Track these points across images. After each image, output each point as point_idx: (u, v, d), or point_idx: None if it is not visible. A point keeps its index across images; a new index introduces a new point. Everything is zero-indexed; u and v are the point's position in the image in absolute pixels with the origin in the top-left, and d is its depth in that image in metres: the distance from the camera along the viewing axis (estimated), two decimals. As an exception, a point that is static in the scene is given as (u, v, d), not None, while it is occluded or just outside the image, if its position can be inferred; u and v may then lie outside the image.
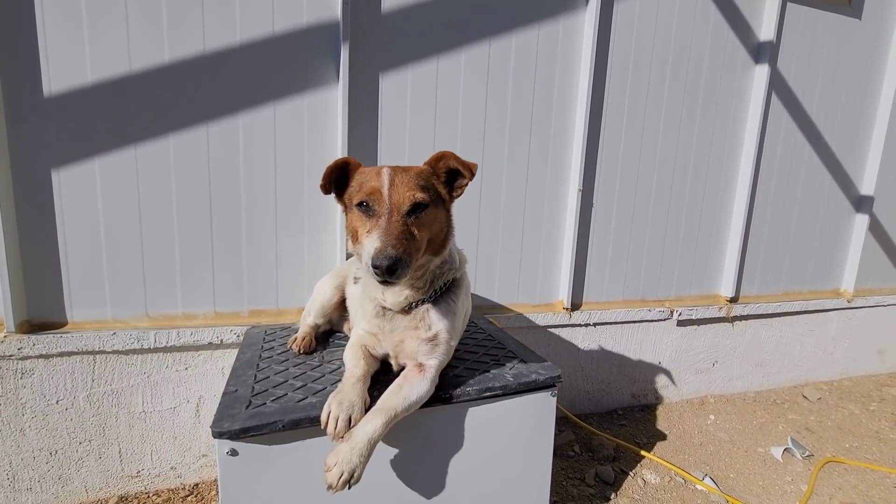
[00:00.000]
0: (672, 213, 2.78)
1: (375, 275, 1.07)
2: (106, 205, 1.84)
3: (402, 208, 1.15)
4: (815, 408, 3.02)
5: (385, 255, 1.05)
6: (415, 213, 1.17)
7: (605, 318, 2.66)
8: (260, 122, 1.97)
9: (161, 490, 2.01)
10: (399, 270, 1.07)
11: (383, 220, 1.12)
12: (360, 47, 2.03)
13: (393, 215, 1.14)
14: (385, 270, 1.05)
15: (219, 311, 2.03)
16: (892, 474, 2.32)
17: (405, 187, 1.17)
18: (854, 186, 3.24)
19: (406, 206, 1.15)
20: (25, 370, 1.79)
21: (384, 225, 1.11)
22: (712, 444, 2.53)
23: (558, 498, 2.02)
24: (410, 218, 1.16)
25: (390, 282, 1.09)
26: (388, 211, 1.14)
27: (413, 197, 1.16)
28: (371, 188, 1.17)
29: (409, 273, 1.13)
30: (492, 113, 2.31)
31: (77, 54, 1.73)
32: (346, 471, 1.07)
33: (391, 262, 1.05)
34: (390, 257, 1.05)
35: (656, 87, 2.60)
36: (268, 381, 1.42)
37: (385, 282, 1.10)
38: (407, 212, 1.15)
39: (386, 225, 1.11)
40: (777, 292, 3.18)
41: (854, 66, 3.05)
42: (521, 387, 1.45)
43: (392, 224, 1.12)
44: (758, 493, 2.16)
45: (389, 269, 1.05)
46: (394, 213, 1.14)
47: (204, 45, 1.86)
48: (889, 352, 3.61)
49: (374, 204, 1.16)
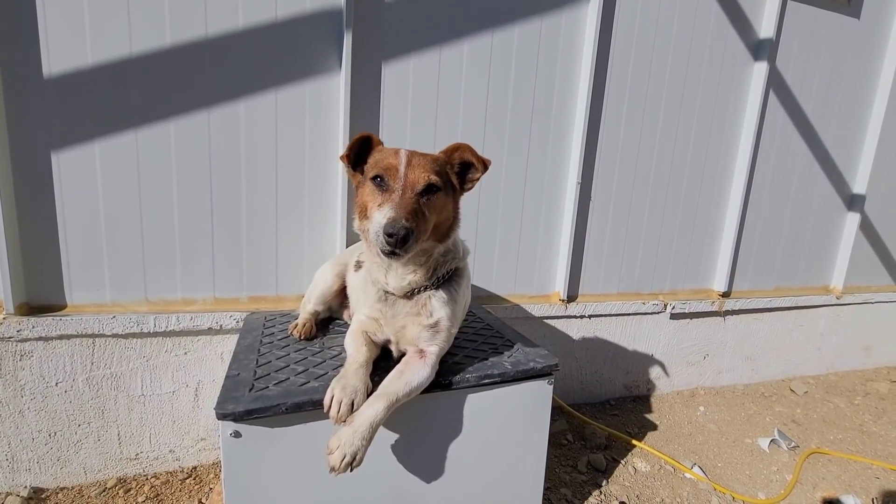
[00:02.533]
0: (668, 208, 2.81)
1: (386, 244, 1.08)
2: (106, 189, 1.83)
3: (416, 187, 1.17)
4: (802, 401, 3.09)
5: (400, 224, 1.07)
6: (427, 194, 1.19)
7: (600, 310, 2.70)
8: (262, 108, 1.96)
9: (159, 473, 2.03)
10: (409, 242, 1.09)
11: (397, 195, 1.15)
12: (362, 35, 2.03)
13: (406, 192, 1.16)
14: (400, 240, 1.07)
15: (218, 296, 2.04)
16: (874, 466, 2.39)
17: (421, 169, 1.19)
18: (847, 185, 3.29)
19: (420, 185, 1.18)
20: (25, 352, 1.80)
21: (397, 199, 1.14)
22: (701, 435, 2.59)
23: (551, 484, 2.07)
24: (423, 198, 1.18)
25: (398, 253, 1.11)
26: (401, 187, 1.16)
27: (427, 178, 1.18)
28: (388, 164, 1.20)
29: (416, 249, 1.16)
30: (493, 104, 2.32)
31: (77, 37, 1.72)
32: (349, 454, 1.09)
33: (406, 231, 1.07)
34: (405, 227, 1.07)
35: (656, 82, 2.62)
36: (269, 365, 1.43)
37: (393, 253, 1.11)
38: (420, 191, 1.18)
39: (399, 199, 1.14)
40: (768, 288, 3.23)
41: (851, 66, 3.08)
42: (519, 374, 1.48)
43: (405, 198, 1.14)
44: (744, 481, 2.22)
45: (403, 239, 1.07)
46: (407, 189, 1.16)
47: (206, 29, 1.84)
48: (875, 348, 3.70)
49: (389, 179, 1.18)
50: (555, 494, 2.01)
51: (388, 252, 1.11)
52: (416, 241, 1.12)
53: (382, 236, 1.08)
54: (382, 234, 1.08)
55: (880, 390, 3.30)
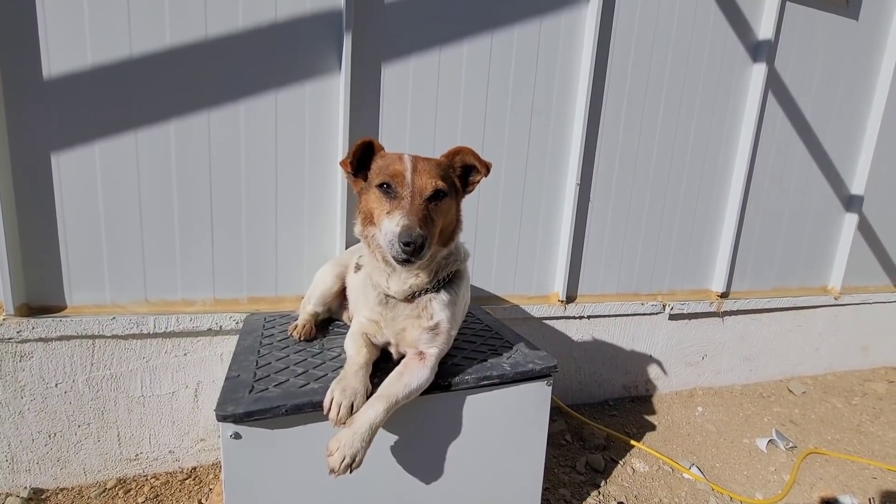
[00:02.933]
0: (667, 208, 2.82)
1: (402, 252, 1.08)
2: (106, 190, 1.83)
3: (424, 193, 1.17)
4: (800, 401, 3.10)
5: (416, 232, 1.07)
6: (435, 199, 1.19)
7: (598, 310, 2.71)
8: (262, 108, 1.96)
9: (159, 473, 2.03)
10: (424, 250, 1.09)
11: (406, 202, 1.14)
12: (362, 36, 2.03)
13: (416, 198, 1.16)
14: (417, 248, 1.07)
15: (218, 297, 2.04)
16: (871, 466, 2.40)
17: (427, 175, 1.19)
18: (845, 185, 3.30)
19: (429, 191, 1.18)
20: (24, 353, 1.80)
21: (407, 206, 1.13)
22: (700, 435, 2.60)
23: (550, 484, 2.07)
24: (431, 204, 1.18)
25: (411, 261, 1.10)
26: (410, 194, 1.16)
27: (435, 184, 1.19)
28: (395, 171, 1.19)
29: (429, 255, 1.16)
30: (492, 105, 2.32)
31: (78, 38, 1.72)
32: (348, 455, 1.10)
33: (422, 239, 1.07)
34: (421, 235, 1.07)
35: (655, 83, 2.62)
36: (269, 366, 1.44)
37: (407, 261, 1.10)
38: (429, 197, 1.18)
39: (409, 206, 1.13)
40: (767, 288, 3.24)
41: (849, 67, 3.09)
42: (518, 376, 1.48)
43: (415, 206, 1.14)
44: (742, 482, 2.22)
45: (420, 247, 1.07)
46: (416, 196, 1.16)
47: (206, 30, 1.84)
48: (873, 348, 3.71)
49: (397, 186, 1.18)
50: (553, 495, 2.02)
51: (402, 260, 1.11)
52: (429, 247, 1.12)
53: (398, 245, 1.08)
54: (398, 242, 1.07)
55: (878, 390, 3.31)
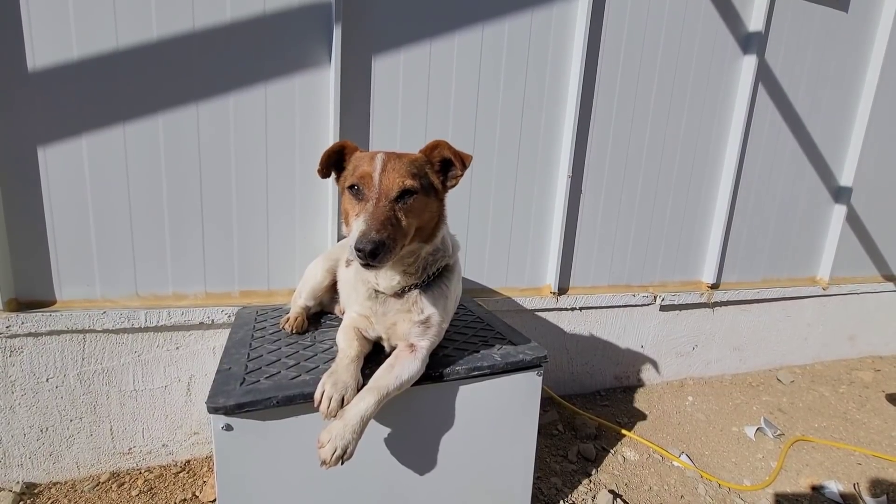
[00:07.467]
0: (658, 201, 2.83)
1: (358, 258, 1.07)
2: (94, 183, 1.82)
3: (390, 194, 1.15)
4: (788, 390, 3.15)
5: (368, 238, 1.05)
6: (403, 199, 1.17)
7: (590, 302, 2.73)
8: (251, 102, 1.95)
9: (153, 467, 2.04)
10: (381, 255, 1.07)
11: (370, 205, 1.13)
12: (352, 29, 2.01)
13: (380, 200, 1.14)
14: (367, 254, 1.05)
15: (209, 291, 2.04)
16: (856, 452, 2.45)
17: (396, 173, 1.17)
18: (833, 177, 3.33)
19: (394, 191, 1.16)
20: (14, 348, 1.79)
21: (370, 209, 1.12)
22: (689, 424, 2.64)
23: (542, 474, 2.10)
24: (398, 204, 1.16)
25: (373, 265, 1.09)
26: (376, 195, 1.15)
27: (402, 184, 1.16)
28: (363, 172, 1.18)
29: (393, 258, 1.14)
30: (483, 98, 2.32)
31: (63, 29, 1.69)
32: (339, 447, 1.10)
33: (374, 245, 1.05)
34: (373, 241, 1.05)
35: (646, 76, 2.63)
36: (261, 359, 1.44)
37: (368, 265, 1.09)
38: (395, 198, 1.16)
39: (373, 209, 1.12)
40: (756, 279, 3.28)
41: (839, 59, 3.11)
42: (509, 366, 1.50)
43: (378, 209, 1.12)
44: (730, 469, 2.26)
45: (372, 253, 1.05)
46: (381, 198, 1.14)
47: (193, 22, 1.82)
48: (860, 337, 3.77)
49: (364, 188, 1.17)
50: (545, 483, 2.04)
51: (362, 264, 1.10)
52: (391, 250, 1.09)
53: (353, 251, 1.07)
54: (353, 249, 1.06)
55: (864, 379, 3.37)
